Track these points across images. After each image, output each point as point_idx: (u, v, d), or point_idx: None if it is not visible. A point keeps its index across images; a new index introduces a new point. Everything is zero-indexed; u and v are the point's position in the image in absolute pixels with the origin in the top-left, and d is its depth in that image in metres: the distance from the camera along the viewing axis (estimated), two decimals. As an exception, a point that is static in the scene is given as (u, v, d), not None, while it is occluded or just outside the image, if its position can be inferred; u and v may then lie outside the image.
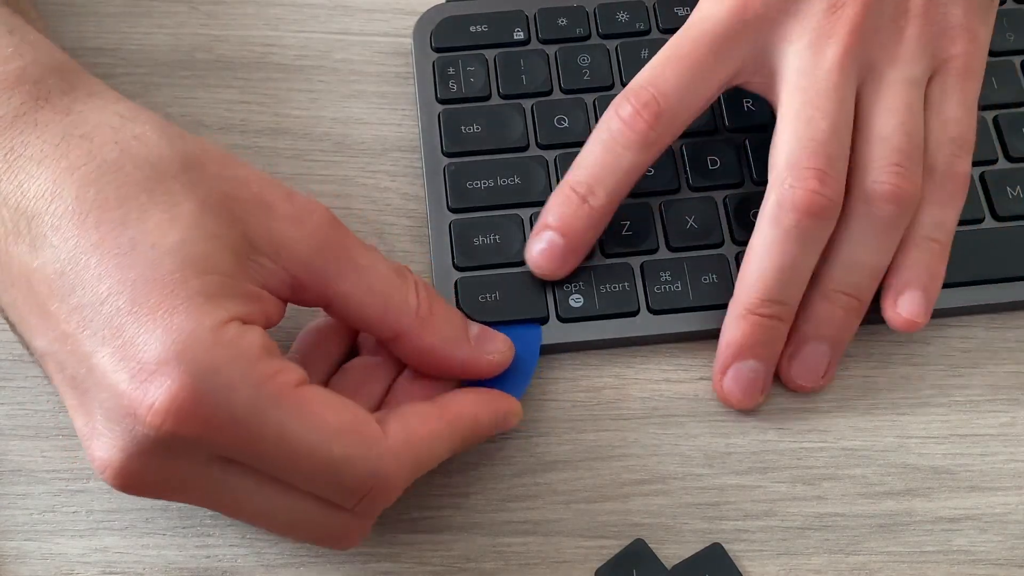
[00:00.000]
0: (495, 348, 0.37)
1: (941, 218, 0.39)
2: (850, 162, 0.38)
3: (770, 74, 0.39)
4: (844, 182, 0.37)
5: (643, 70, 0.39)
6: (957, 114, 0.39)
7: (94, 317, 0.30)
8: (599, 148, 0.39)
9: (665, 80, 0.38)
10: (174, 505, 0.38)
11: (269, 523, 0.34)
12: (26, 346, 0.34)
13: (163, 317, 0.30)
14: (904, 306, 0.38)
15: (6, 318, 0.34)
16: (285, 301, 0.34)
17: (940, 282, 0.39)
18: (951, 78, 0.39)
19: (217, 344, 0.30)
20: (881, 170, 0.37)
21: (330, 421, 0.31)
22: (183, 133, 0.34)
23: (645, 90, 0.38)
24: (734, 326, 0.38)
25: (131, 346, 0.30)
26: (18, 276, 0.32)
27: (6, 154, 0.32)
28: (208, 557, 0.37)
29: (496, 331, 0.38)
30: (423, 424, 0.34)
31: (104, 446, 0.31)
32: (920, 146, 0.38)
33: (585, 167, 0.39)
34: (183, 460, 0.31)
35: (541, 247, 0.39)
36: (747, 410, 0.39)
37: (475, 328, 0.37)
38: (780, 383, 0.40)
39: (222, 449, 0.31)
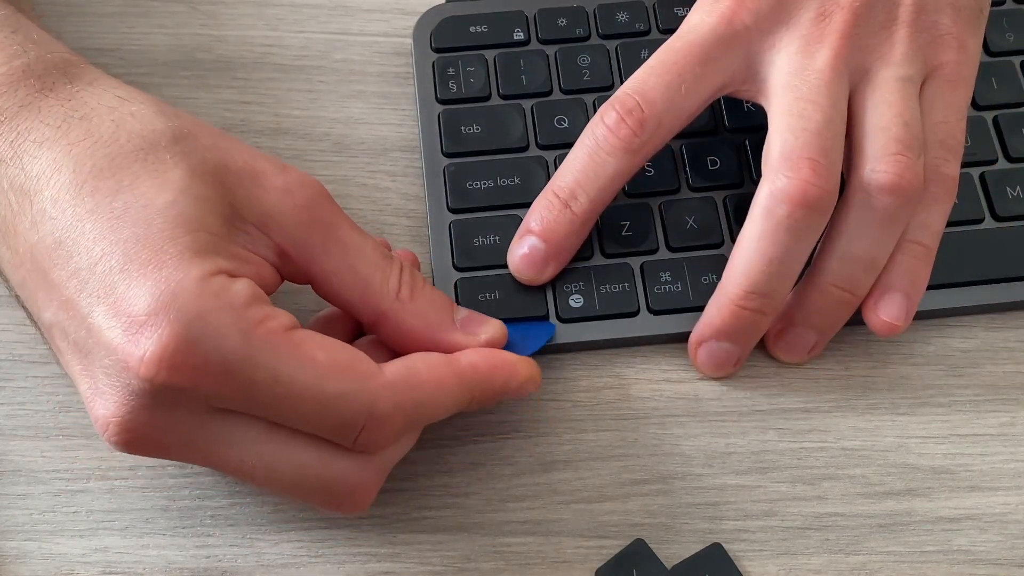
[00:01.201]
0: (484, 330, 0.37)
1: (926, 220, 0.38)
2: (848, 155, 0.38)
3: (761, 81, 0.39)
4: (839, 174, 0.37)
5: (630, 78, 0.39)
6: (946, 118, 0.39)
7: (89, 278, 0.31)
8: (583, 154, 0.39)
9: (651, 88, 0.38)
10: (174, 505, 0.38)
11: (273, 479, 0.34)
12: (36, 326, 0.34)
13: (152, 271, 0.31)
14: (884, 309, 0.38)
15: (20, 302, 0.35)
16: (277, 271, 0.35)
17: (923, 286, 0.39)
18: (941, 85, 0.39)
19: (204, 293, 0.31)
20: (880, 159, 0.37)
21: (322, 360, 0.32)
22: (178, 111, 0.35)
23: (630, 97, 0.38)
24: (716, 311, 0.38)
25: (123, 301, 0.30)
26: (24, 254, 0.33)
27: (11, 140, 0.33)
28: (208, 557, 0.37)
29: (486, 316, 0.37)
30: (429, 369, 0.34)
31: (104, 403, 0.31)
32: (920, 138, 0.38)
33: (569, 173, 0.39)
34: (181, 413, 0.32)
35: (523, 252, 0.39)
36: (718, 378, 0.40)
37: (463, 312, 0.37)
38: (777, 382, 0.40)
39: (217, 398, 0.31)
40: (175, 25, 0.46)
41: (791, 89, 0.38)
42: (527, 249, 0.39)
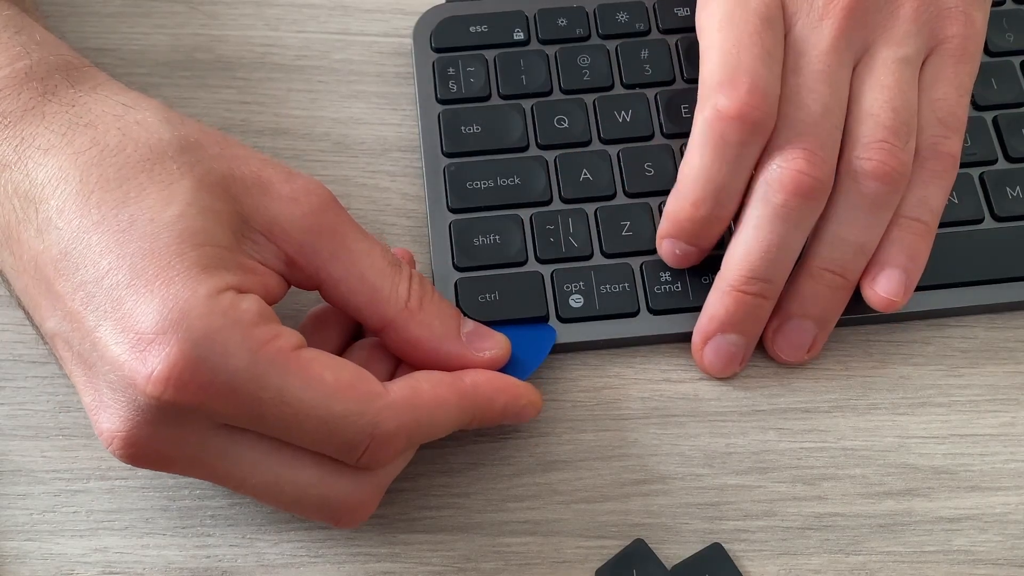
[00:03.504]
0: (487, 346, 0.37)
1: (924, 196, 0.39)
2: (842, 137, 0.38)
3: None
4: (835, 163, 0.37)
5: (713, 65, 0.38)
6: (947, 94, 0.39)
7: (96, 292, 0.31)
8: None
9: (750, 61, 0.37)
10: (174, 505, 0.38)
11: (275, 496, 0.34)
12: (39, 333, 0.34)
13: (160, 288, 0.30)
14: (881, 285, 0.39)
15: (22, 307, 0.35)
16: (285, 279, 0.35)
17: (923, 262, 0.39)
18: (945, 59, 0.39)
19: (213, 312, 0.31)
20: (867, 147, 0.38)
21: (328, 380, 0.32)
22: (184, 119, 0.35)
23: (738, 79, 0.37)
24: (718, 301, 0.38)
25: (130, 317, 0.30)
26: (28, 261, 0.32)
27: (16, 146, 0.33)
28: (208, 557, 0.37)
29: (492, 330, 0.38)
30: (431, 388, 0.34)
31: (109, 417, 0.31)
32: (909, 123, 0.38)
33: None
34: (187, 429, 0.32)
35: (675, 252, 0.39)
36: (723, 378, 0.40)
37: (469, 325, 0.37)
38: (777, 382, 0.40)
39: (223, 416, 0.31)
40: (175, 25, 0.46)
41: (793, 74, 0.38)
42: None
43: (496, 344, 0.37)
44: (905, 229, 0.39)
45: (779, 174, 0.37)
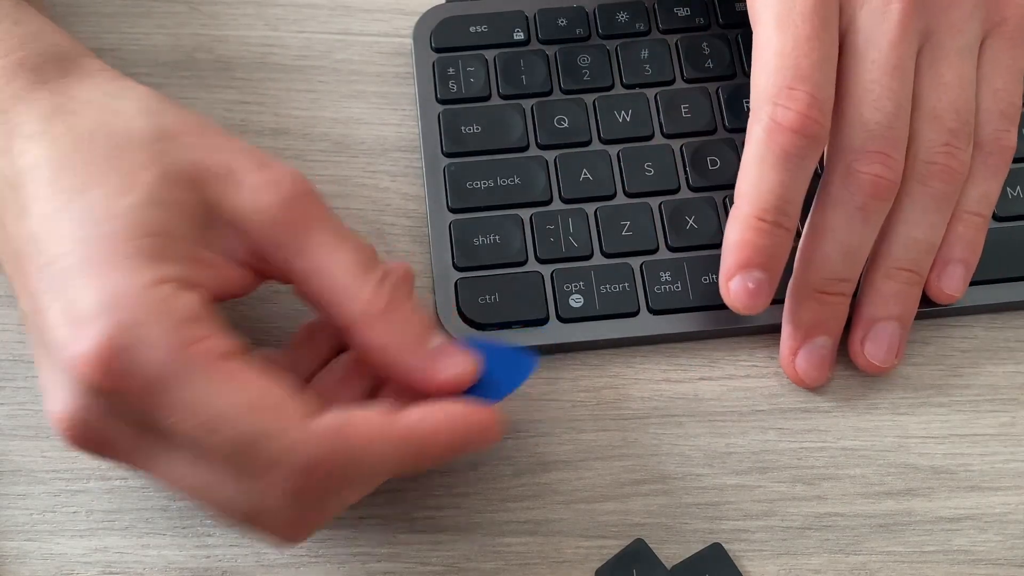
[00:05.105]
0: (451, 365, 0.34)
1: (986, 191, 0.40)
2: None
3: (841, 35, 0.38)
4: (904, 159, 0.38)
5: (769, 67, 0.37)
6: (1007, 84, 0.40)
7: (53, 275, 0.31)
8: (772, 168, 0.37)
9: (809, 68, 0.36)
10: (174, 505, 0.38)
11: (206, 504, 0.32)
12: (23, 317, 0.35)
13: (103, 273, 0.31)
14: (947, 282, 0.40)
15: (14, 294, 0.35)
16: (255, 272, 0.34)
17: (979, 253, 0.40)
18: (1002, 43, 0.39)
19: (144, 301, 0.30)
20: (931, 150, 0.38)
21: (246, 395, 0.30)
22: (169, 108, 0.34)
23: (798, 89, 0.36)
24: (801, 307, 0.39)
25: (73, 300, 0.31)
26: (10, 248, 0.33)
27: (4, 133, 0.33)
28: (208, 557, 0.37)
29: (464, 350, 0.35)
30: (364, 423, 0.32)
31: (52, 399, 0.32)
32: (969, 122, 0.39)
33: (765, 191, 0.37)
34: (120, 420, 0.31)
35: (748, 286, 0.37)
36: (817, 387, 0.40)
37: (438, 340, 0.34)
38: (777, 382, 0.40)
39: (141, 412, 0.30)
40: (175, 25, 0.46)
41: (866, 66, 0.37)
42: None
43: (461, 364, 0.34)
44: (968, 225, 0.40)
45: (857, 178, 0.37)
